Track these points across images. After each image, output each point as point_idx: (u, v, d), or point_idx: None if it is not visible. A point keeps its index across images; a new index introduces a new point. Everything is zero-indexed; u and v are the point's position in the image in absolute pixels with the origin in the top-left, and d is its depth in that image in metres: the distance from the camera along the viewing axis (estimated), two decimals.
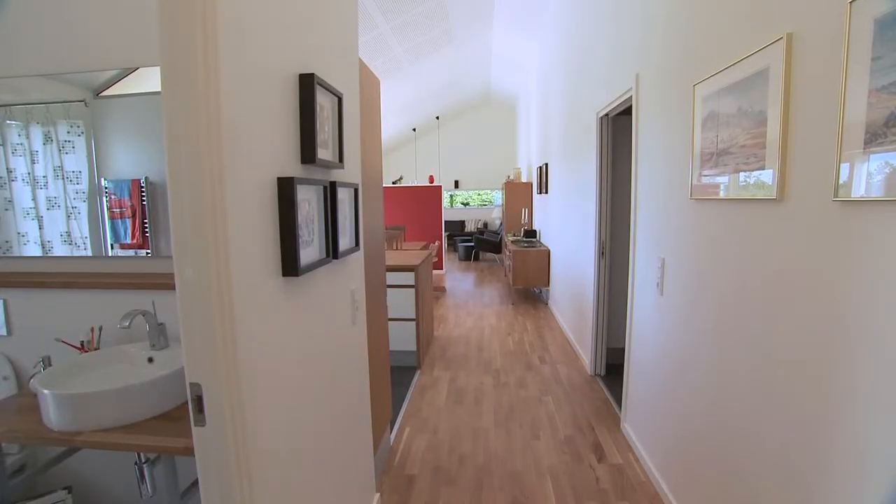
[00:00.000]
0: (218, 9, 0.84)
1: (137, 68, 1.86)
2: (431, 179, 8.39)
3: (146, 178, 1.97)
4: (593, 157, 3.55)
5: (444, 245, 7.50)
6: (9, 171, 2.09)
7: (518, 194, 8.15)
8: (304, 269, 1.13)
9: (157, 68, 1.82)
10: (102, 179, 2.01)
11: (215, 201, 0.84)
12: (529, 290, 6.87)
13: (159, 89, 1.90)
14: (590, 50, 3.81)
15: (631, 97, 2.68)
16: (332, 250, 1.34)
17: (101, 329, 1.78)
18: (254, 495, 0.99)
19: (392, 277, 3.60)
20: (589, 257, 3.71)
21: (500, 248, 9.47)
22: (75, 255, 2.04)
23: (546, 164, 6.24)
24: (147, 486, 1.58)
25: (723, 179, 1.60)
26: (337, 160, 1.42)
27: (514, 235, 7.58)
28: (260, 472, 1.00)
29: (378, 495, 2.12)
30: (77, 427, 1.31)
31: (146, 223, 2.00)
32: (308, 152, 1.21)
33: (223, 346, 0.88)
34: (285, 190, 1.07)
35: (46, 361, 1.70)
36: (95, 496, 1.99)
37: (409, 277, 3.67)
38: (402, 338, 3.76)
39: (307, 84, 1.21)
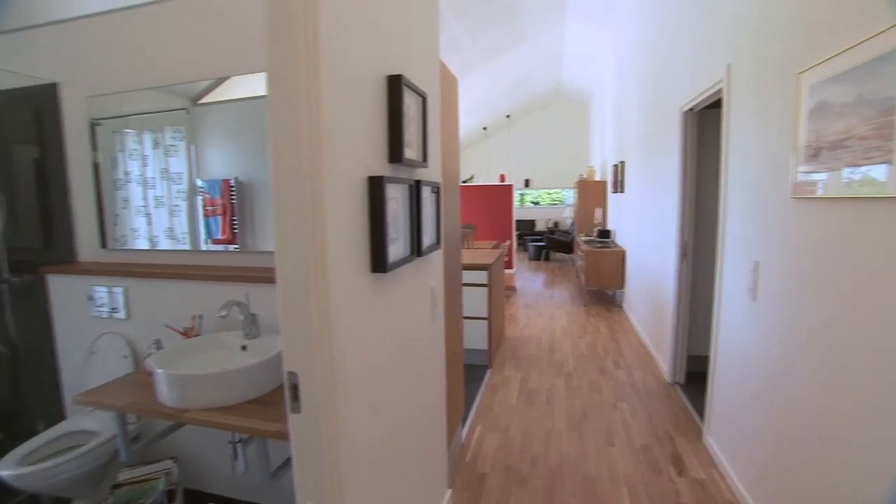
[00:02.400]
0: (319, 17, 0.89)
1: (229, 77, 2.02)
2: (503, 178, 8.33)
3: (236, 178, 2.13)
4: (676, 154, 3.36)
5: (514, 244, 7.43)
6: (126, 173, 2.34)
7: (591, 193, 7.90)
8: (392, 265, 1.17)
9: (246, 77, 1.97)
10: (198, 180, 2.20)
11: (315, 199, 0.89)
12: (602, 291, 6.65)
13: (248, 95, 2.05)
14: (671, 42, 3.62)
15: (720, 90, 2.51)
16: (416, 248, 1.38)
17: (201, 317, 1.94)
18: (343, 481, 1.03)
19: (465, 276, 3.63)
20: (669, 259, 3.53)
21: (572, 249, 9.23)
22: (176, 248, 2.25)
23: (622, 162, 6.00)
24: (240, 463, 1.71)
25: (832, 175, 1.45)
26: (421, 159, 1.45)
27: (587, 235, 7.36)
28: (349, 460, 1.05)
29: (450, 491, 2.15)
30: (185, 405, 1.44)
31: (235, 220, 2.15)
32: (395, 152, 1.25)
33: (319, 338, 0.93)
34: (375, 188, 1.11)
35: (158, 344, 1.88)
36: (196, 467, 2.17)
37: (481, 276, 3.68)
38: (473, 336, 3.77)
39: (395, 85, 1.25)
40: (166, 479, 1.97)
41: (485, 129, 12.04)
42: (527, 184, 12.70)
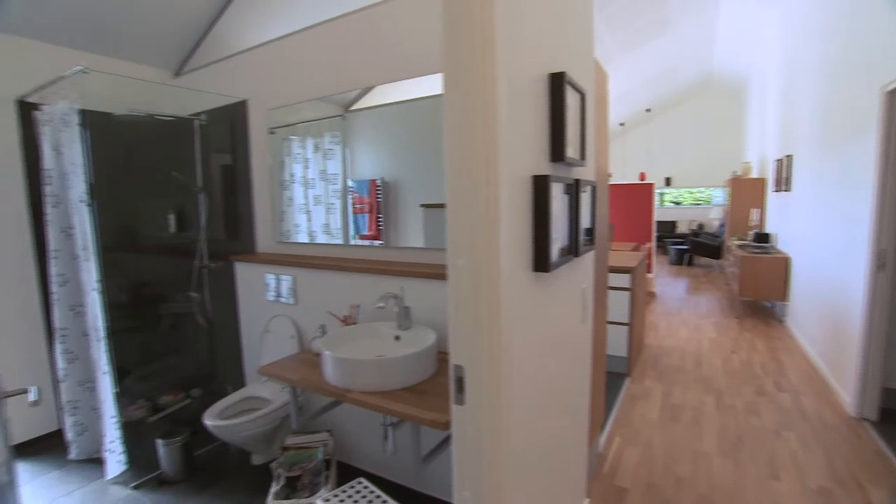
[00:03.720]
0: (494, 16, 0.90)
1: (374, 86, 2.20)
2: (643, 177, 7.78)
3: (382, 178, 2.29)
4: (871, 144, 2.83)
5: (654, 247, 6.92)
6: (291, 175, 2.65)
7: (746, 192, 7.02)
8: (553, 265, 1.16)
9: (387, 85, 2.12)
10: (349, 180, 2.40)
11: (489, 197, 0.91)
12: (759, 303, 5.88)
13: (390, 101, 2.20)
14: (867, 11, 3.04)
15: None
16: (574, 248, 1.35)
17: (358, 307, 2.11)
18: (501, 475, 1.05)
19: (608, 278, 3.46)
20: (857, 269, 2.98)
21: (720, 253, 8.31)
22: (330, 243, 2.49)
23: (788, 157, 5.22)
24: (389, 444, 1.83)
25: None
26: (580, 158, 1.41)
27: (741, 239, 6.56)
28: (508, 455, 1.06)
29: (587, 501, 2.07)
30: (347, 386, 1.59)
31: (380, 218, 2.31)
32: (557, 150, 1.23)
33: (487, 334, 0.95)
34: (540, 187, 1.11)
35: (323, 329, 2.09)
36: (347, 443, 2.38)
37: (624, 279, 3.49)
38: (612, 342, 3.59)
39: (557, 83, 1.23)
40: (324, 448, 2.19)
41: (622, 125, 11.38)
42: (668, 182, 11.71)
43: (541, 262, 1.12)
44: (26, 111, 2.57)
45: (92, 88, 2.39)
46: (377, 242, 2.33)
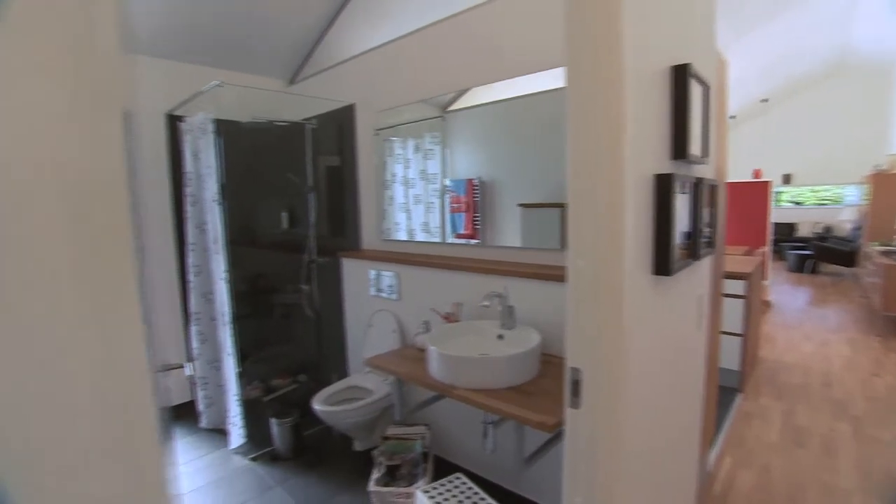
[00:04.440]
0: (622, 5, 0.86)
1: (469, 88, 2.22)
2: (757, 174, 7.08)
3: (479, 178, 2.29)
4: None
5: (770, 252, 6.27)
6: (392, 175, 2.75)
7: (893, 189, 6.11)
8: (674, 268, 1.09)
9: (481, 88, 2.13)
10: (446, 180, 2.44)
11: (613, 197, 0.87)
12: None
13: (487, 101, 2.20)
14: None
15: None
16: (694, 251, 1.26)
17: (461, 305, 2.15)
18: (615, 482, 1.01)
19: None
20: None
21: (854, 260, 7.32)
22: (428, 241, 2.55)
23: None
24: (489, 443, 1.83)
25: None
26: (702, 155, 1.32)
27: (885, 244, 5.72)
28: (625, 462, 1.02)
29: None
30: (452, 382, 1.61)
31: (476, 217, 2.32)
32: (680, 148, 1.16)
33: (607, 337, 0.91)
34: (663, 187, 1.05)
35: (427, 326, 2.15)
36: (445, 437, 2.43)
37: (739, 286, 3.20)
38: (723, 354, 3.31)
39: (681, 75, 1.15)
40: (422, 441, 2.25)
41: (732, 117, 10.43)
42: (786, 180, 10.53)
43: (661, 265, 1.06)
44: (172, 123, 2.94)
45: (223, 100, 2.67)
46: (473, 241, 2.34)
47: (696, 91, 1.25)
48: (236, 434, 2.62)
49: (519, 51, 1.99)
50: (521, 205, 2.12)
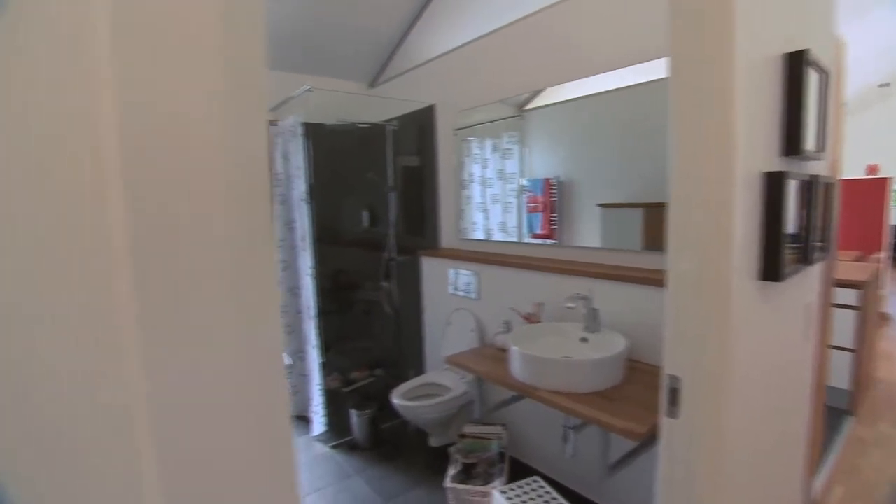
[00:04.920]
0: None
1: (544, 89, 2.19)
2: (872, 170, 6.30)
3: (557, 177, 2.23)
4: None
5: (889, 258, 5.59)
6: (469, 174, 2.76)
7: None
8: (784, 274, 1.00)
9: (554, 88, 2.08)
10: (524, 179, 2.40)
11: (721, 197, 0.82)
12: None
13: (565, 98, 2.15)
14: None
15: None
16: (806, 256, 1.15)
17: (542, 305, 2.12)
18: (712, 497, 0.95)
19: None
20: None
21: None
22: (506, 240, 2.53)
23: None
24: (569, 448, 1.80)
25: None
26: (817, 151, 1.20)
27: None
28: (727, 478, 0.96)
29: None
30: (534, 383, 1.59)
31: (553, 217, 2.26)
32: (792, 143, 1.06)
33: (711, 345, 0.86)
34: (773, 186, 0.97)
35: (507, 326, 2.14)
36: (522, 439, 2.40)
37: (851, 296, 2.88)
38: (832, 370, 3.00)
39: (796, 63, 1.06)
40: (499, 441, 2.25)
41: (845, 105, 9.39)
42: None
43: (770, 270, 0.98)
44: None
45: (310, 104, 2.81)
46: (549, 241, 2.30)
47: (812, 80, 1.15)
48: (318, 422, 2.76)
49: (596, 48, 1.94)
50: (602, 205, 2.06)
